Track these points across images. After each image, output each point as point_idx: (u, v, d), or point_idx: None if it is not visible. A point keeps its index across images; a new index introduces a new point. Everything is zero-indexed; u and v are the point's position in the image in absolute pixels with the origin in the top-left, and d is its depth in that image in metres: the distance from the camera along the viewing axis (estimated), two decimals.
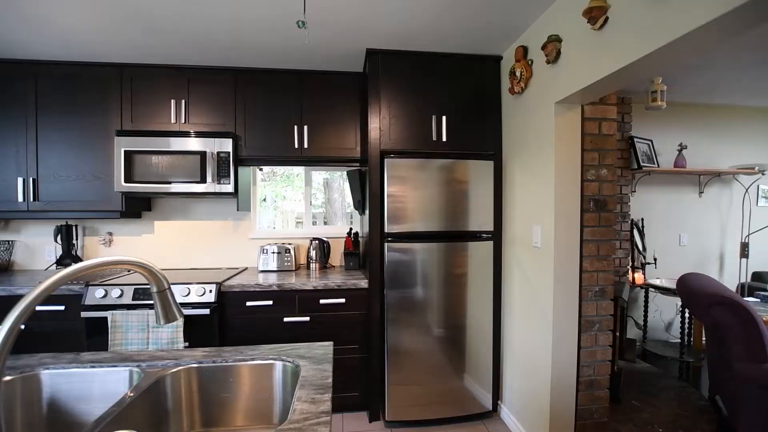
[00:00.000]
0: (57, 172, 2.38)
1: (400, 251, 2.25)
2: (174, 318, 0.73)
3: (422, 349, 2.29)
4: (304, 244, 2.86)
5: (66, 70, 2.38)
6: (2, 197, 2.35)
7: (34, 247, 2.71)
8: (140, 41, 2.14)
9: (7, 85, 2.34)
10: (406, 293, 2.27)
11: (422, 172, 2.26)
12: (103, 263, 0.62)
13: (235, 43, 2.17)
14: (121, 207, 2.41)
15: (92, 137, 2.39)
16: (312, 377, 0.93)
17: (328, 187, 3.48)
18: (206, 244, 2.80)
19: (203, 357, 1.08)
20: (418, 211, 2.27)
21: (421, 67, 2.30)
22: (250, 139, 2.47)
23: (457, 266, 2.32)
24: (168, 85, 2.43)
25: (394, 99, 2.27)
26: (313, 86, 2.54)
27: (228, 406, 1.05)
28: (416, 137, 2.29)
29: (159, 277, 0.71)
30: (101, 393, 1.03)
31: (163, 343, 2.02)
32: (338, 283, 2.25)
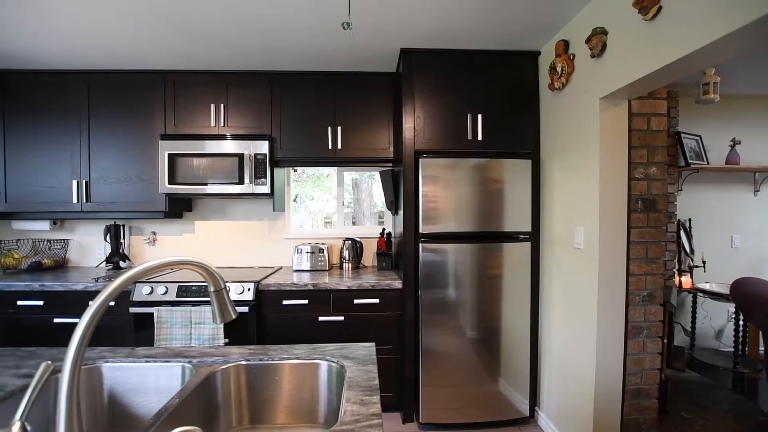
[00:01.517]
0: (107, 175, 2.52)
1: (435, 252, 2.23)
2: (229, 317, 0.75)
3: (456, 351, 2.26)
4: (336, 244, 2.89)
5: (115, 78, 2.51)
6: (59, 199, 2.51)
7: (86, 245, 2.88)
8: (182, 49, 2.22)
9: (64, 94, 2.50)
10: (440, 294, 2.24)
11: (457, 172, 2.23)
12: (167, 263, 0.64)
13: (271, 48, 2.22)
14: (165, 207, 2.52)
15: (138, 141, 2.51)
16: (358, 378, 0.93)
17: (356, 188, 3.50)
18: (242, 244, 2.89)
19: (250, 354, 1.10)
20: (452, 211, 2.24)
21: (456, 66, 2.26)
22: (285, 140, 2.52)
23: (492, 267, 2.27)
24: (208, 90, 2.51)
25: (429, 98, 2.25)
26: (346, 87, 2.56)
27: (274, 403, 1.07)
28: (451, 136, 2.26)
29: (216, 277, 0.72)
30: (155, 386, 1.07)
31: (204, 338, 2.10)
32: (372, 284, 2.25)
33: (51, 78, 2.51)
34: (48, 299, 2.24)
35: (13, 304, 2.23)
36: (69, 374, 0.55)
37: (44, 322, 2.23)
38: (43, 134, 2.51)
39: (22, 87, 2.51)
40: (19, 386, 0.93)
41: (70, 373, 0.55)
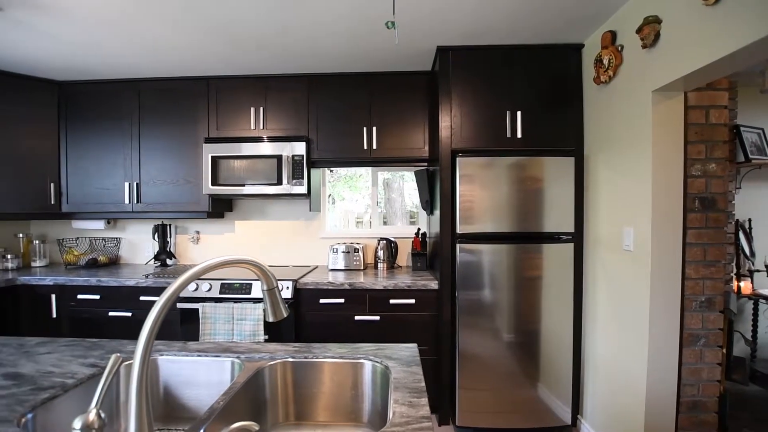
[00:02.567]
0: (155, 177, 2.66)
1: (472, 252, 2.19)
2: (281, 315, 0.76)
3: (493, 354, 2.21)
4: (370, 243, 2.90)
5: (163, 85, 2.65)
6: (113, 200, 2.68)
7: (136, 243, 3.05)
8: (225, 55, 2.31)
9: (117, 102, 2.67)
10: (477, 296, 2.20)
11: (495, 171, 2.18)
12: (225, 262, 0.66)
13: (309, 51, 2.26)
14: (208, 208, 2.63)
15: (184, 145, 2.63)
16: (404, 379, 0.92)
17: (387, 188, 3.50)
18: (280, 243, 2.96)
19: (295, 352, 1.12)
20: (490, 211, 2.19)
21: (494, 62, 2.21)
22: (321, 141, 2.56)
23: (532, 269, 2.20)
24: (248, 94, 2.60)
25: (466, 96, 2.21)
26: (381, 88, 2.56)
27: (318, 401, 1.09)
28: (489, 135, 2.21)
29: (269, 276, 0.74)
30: (206, 380, 1.11)
31: (246, 334, 2.17)
32: (408, 284, 2.24)
33: (106, 87, 2.69)
34: (103, 294, 2.39)
35: (74, 298, 2.40)
36: (139, 365, 0.58)
37: (100, 314, 2.39)
38: (99, 140, 2.69)
39: (81, 96, 2.70)
40: (88, 374, 0.99)
41: (140, 365, 0.58)
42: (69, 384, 0.94)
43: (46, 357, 1.11)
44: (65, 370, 1.02)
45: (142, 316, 2.34)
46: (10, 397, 0.87)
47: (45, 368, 1.03)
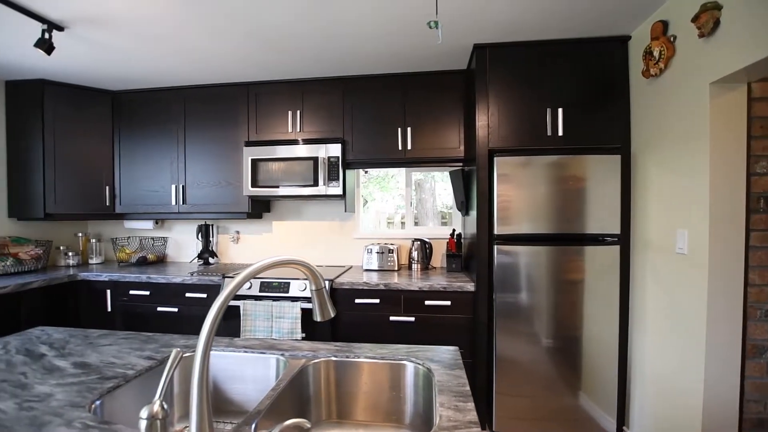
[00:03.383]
0: (199, 180, 2.79)
1: (510, 254, 2.13)
2: (329, 315, 0.78)
3: (532, 359, 2.14)
4: (404, 244, 2.90)
5: (206, 92, 2.78)
6: (161, 201, 2.84)
7: (181, 242, 3.22)
8: (264, 61, 2.38)
9: (166, 109, 2.82)
10: (515, 298, 2.14)
11: (534, 170, 2.11)
12: (277, 262, 0.68)
13: (345, 55, 2.29)
14: (248, 209, 2.72)
15: (225, 148, 2.75)
16: (448, 383, 0.91)
17: (419, 188, 3.48)
18: (315, 243, 3.02)
19: (337, 351, 1.14)
20: (529, 211, 2.13)
21: (533, 58, 2.15)
22: (356, 142, 2.59)
23: (573, 272, 2.11)
24: (286, 98, 2.67)
25: (503, 94, 2.16)
26: (415, 88, 2.55)
27: (359, 400, 1.10)
28: (528, 133, 2.14)
29: (318, 276, 0.75)
30: (252, 375, 1.15)
31: (284, 332, 2.22)
32: (443, 285, 2.22)
33: (154, 95, 2.85)
34: (153, 290, 2.53)
35: (127, 293, 2.56)
36: (200, 360, 0.60)
37: (149, 309, 2.53)
38: (148, 145, 2.86)
39: (132, 105, 2.88)
40: (146, 366, 1.05)
41: (201, 359, 0.61)
42: (129, 375, 1.00)
43: (108, 348, 1.19)
44: (125, 361, 1.09)
45: (187, 312, 2.46)
46: (81, 385, 0.94)
47: (107, 359, 1.10)
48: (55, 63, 2.40)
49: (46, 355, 1.14)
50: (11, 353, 1.15)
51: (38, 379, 0.97)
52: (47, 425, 0.77)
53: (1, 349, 1.18)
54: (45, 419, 0.79)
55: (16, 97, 2.71)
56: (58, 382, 0.96)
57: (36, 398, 0.87)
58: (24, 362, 1.08)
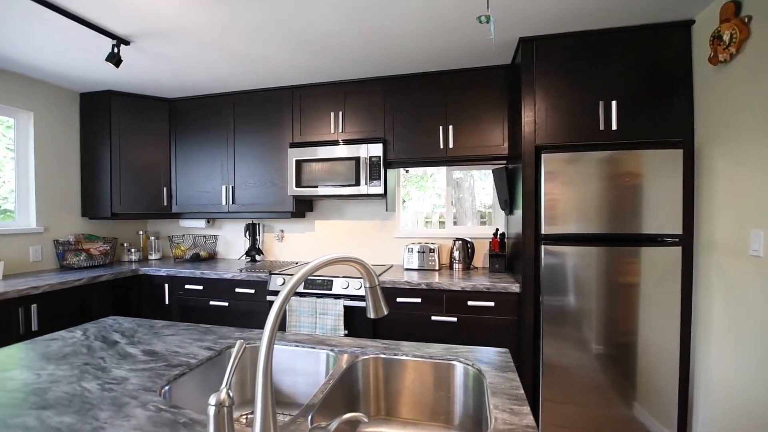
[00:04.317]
0: (247, 181, 2.92)
1: (558, 255, 2.05)
2: (382, 313, 0.79)
3: (581, 365, 2.04)
4: (444, 244, 2.87)
5: (253, 97, 2.90)
6: (212, 201, 3.00)
7: (230, 240, 3.39)
8: (308, 64, 2.45)
9: (216, 114, 2.98)
10: (563, 301, 2.05)
11: (585, 167, 2.01)
12: (334, 259, 0.69)
13: (385, 55, 2.31)
14: (292, 208, 2.82)
15: (271, 150, 2.86)
16: (500, 385, 0.89)
17: (458, 187, 3.43)
18: (356, 242, 3.06)
19: (384, 348, 1.15)
20: (578, 210, 2.03)
21: (584, 49, 2.04)
22: (398, 142, 2.60)
23: (627, 274, 1.99)
24: (328, 99, 2.73)
25: (551, 88, 2.07)
26: (456, 85, 2.52)
27: (407, 398, 1.10)
28: (578, 128, 2.05)
29: (372, 274, 0.76)
30: (303, 368, 1.19)
31: (327, 328, 2.28)
32: (487, 286, 2.17)
33: (206, 101, 3.02)
34: (205, 285, 2.69)
35: (182, 287, 2.74)
36: (265, 351, 0.63)
37: (203, 303, 2.69)
38: (201, 148, 3.03)
39: (186, 111, 3.07)
40: (206, 356, 1.12)
41: (266, 350, 0.63)
42: (192, 363, 1.07)
43: (171, 338, 1.28)
44: (188, 351, 1.17)
45: (236, 306, 2.59)
46: (151, 371, 1.02)
47: (172, 348, 1.19)
48: (120, 75, 2.62)
49: (119, 342, 1.24)
50: (90, 339, 1.26)
51: (114, 363, 1.07)
52: (125, 406, 0.84)
53: (82, 335, 1.30)
54: (123, 401, 0.86)
55: (88, 108, 2.98)
56: (131, 367, 1.04)
57: (114, 381, 0.96)
58: (101, 348, 1.19)
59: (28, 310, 2.12)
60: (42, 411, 0.81)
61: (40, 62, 2.41)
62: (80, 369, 1.03)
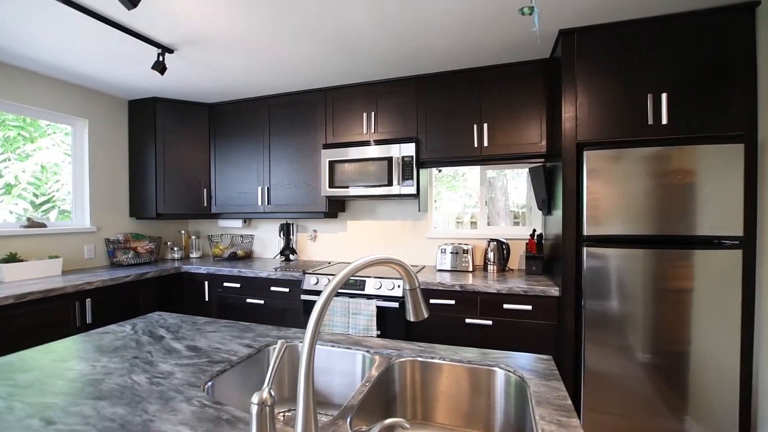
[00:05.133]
0: (281, 182, 2.99)
1: (601, 257, 1.94)
2: (422, 315, 0.77)
3: (626, 374, 1.92)
4: (478, 244, 2.80)
5: (287, 100, 2.96)
6: (249, 202, 3.10)
7: (265, 240, 3.48)
8: (341, 66, 2.47)
9: (253, 117, 3.08)
10: (606, 306, 1.94)
11: (631, 164, 1.90)
12: (374, 261, 0.68)
13: (419, 53, 2.28)
14: (325, 208, 2.85)
15: (305, 151, 2.91)
16: (545, 394, 0.85)
17: (490, 187, 3.34)
18: (388, 242, 3.06)
19: (421, 351, 1.13)
20: (624, 210, 1.92)
21: (629, 40, 1.93)
22: (430, 141, 2.57)
23: (678, 279, 1.85)
24: (360, 100, 2.74)
25: (594, 82, 1.97)
26: (490, 82, 2.45)
27: (444, 403, 1.07)
28: (624, 123, 1.93)
29: (412, 276, 0.75)
30: (339, 368, 1.19)
31: (360, 328, 2.28)
32: (524, 289, 2.10)
33: (243, 105, 3.12)
34: (242, 283, 2.77)
35: (221, 285, 2.84)
36: (307, 351, 0.63)
37: (240, 300, 2.78)
38: (238, 151, 3.14)
39: (225, 115, 3.19)
40: (246, 354, 1.14)
41: (308, 350, 0.63)
42: (233, 360, 1.10)
43: (213, 335, 1.32)
44: (228, 347, 1.20)
45: (272, 304, 2.65)
46: (194, 366, 1.05)
47: (214, 344, 1.22)
48: (164, 82, 2.75)
49: (165, 337, 1.30)
50: (138, 333, 1.33)
51: (161, 358, 1.11)
52: (172, 400, 0.87)
53: (131, 329, 1.37)
54: (170, 395, 0.89)
55: (136, 114, 3.16)
56: (176, 362, 1.08)
57: (161, 375, 1.00)
58: (149, 342, 1.24)
59: (83, 304, 2.27)
60: (97, 401, 0.86)
61: (94, 72, 2.58)
62: (130, 362, 1.08)
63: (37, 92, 2.59)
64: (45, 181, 2.77)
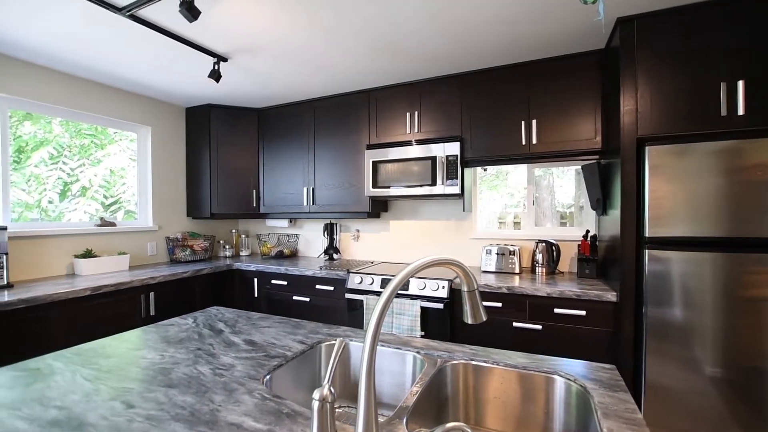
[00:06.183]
0: (326, 182, 3.05)
1: (665, 261, 1.80)
2: (481, 318, 0.75)
3: (691, 388, 1.77)
4: (524, 246, 2.70)
5: (331, 102, 3.03)
6: (295, 202, 3.20)
7: (309, 239, 3.58)
8: (385, 67, 2.48)
9: (299, 120, 3.18)
10: (671, 315, 1.80)
11: (700, 160, 1.74)
12: (434, 261, 0.68)
13: (464, 49, 2.24)
14: (368, 209, 2.88)
15: (348, 152, 2.95)
16: (612, 406, 0.80)
17: (536, 186, 3.20)
18: (431, 242, 3.03)
19: (473, 355, 1.11)
20: (690, 210, 1.76)
21: (696, 25, 1.77)
22: (475, 140, 2.51)
23: (756, 286, 1.68)
24: (403, 100, 2.74)
25: (656, 72, 1.83)
26: (539, 76, 2.36)
27: (498, 409, 1.04)
28: (691, 116, 1.78)
29: (471, 278, 0.73)
30: (389, 369, 1.20)
31: (404, 328, 2.28)
32: (577, 293, 1.99)
33: (290, 109, 3.23)
34: (289, 281, 2.87)
35: (269, 282, 2.95)
36: (369, 350, 0.64)
37: (287, 298, 2.87)
38: (285, 153, 3.25)
39: (272, 119, 3.32)
40: (300, 350, 1.18)
41: (369, 350, 0.64)
42: (288, 356, 1.14)
43: (267, 330, 1.38)
44: (283, 343, 1.24)
45: (317, 302, 2.72)
46: (253, 360, 1.10)
47: (269, 339, 1.27)
48: (218, 89, 2.91)
49: (224, 331, 1.37)
50: (200, 326, 1.41)
51: (222, 350, 1.17)
52: (235, 392, 0.91)
53: (192, 322, 1.47)
54: (233, 386, 0.94)
55: (192, 120, 3.37)
56: (236, 355, 1.14)
57: (223, 367, 1.05)
58: (209, 335, 1.32)
59: (147, 297, 2.46)
60: (168, 389, 0.92)
61: (156, 82, 2.78)
62: (194, 353, 1.15)
63: (108, 103, 2.84)
64: (113, 184, 3.02)
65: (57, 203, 2.69)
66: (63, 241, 2.57)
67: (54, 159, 2.67)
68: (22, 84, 2.37)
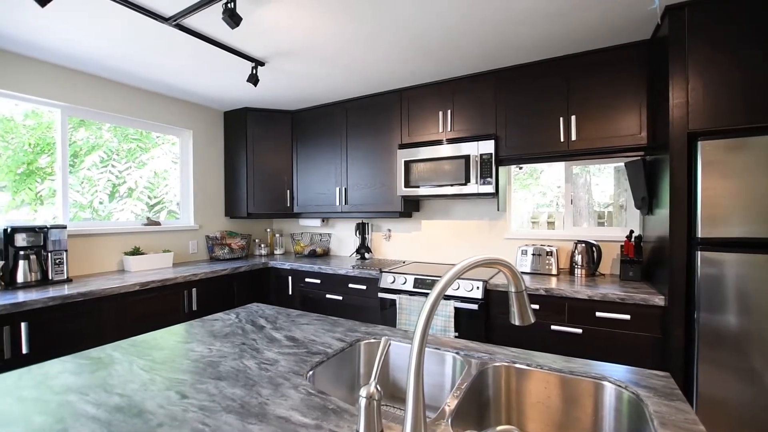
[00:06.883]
0: (358, 182, 3.08)
1: (719, 264, 1.68)
2: (528, 320, 0.73)
3: (750, 402, 1.64)
4: (561, 246, 2.62)
5: (363, 102, 3.05)
6: (327, 202, 3.25)
7: (341, 238, 3.62)
8: (417, 66, 2.47)
9: (331, 122, 3.22)
10: (725, 321, 1.68)
11: (760, 155, 1.62)
12: (481, 261, 0.67)
13: (499, 45, 2.19)
14: (400, 208, 2.88)
15: (380, 152, 2.96)
16: (670, 416, 0.76)
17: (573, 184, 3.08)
18: (464, 242, 2.99)
19: (514, 357, 1.08)
20: (749, 209, 1.64)
21: (754, 10, 1.64)
22: (510, 138, 2.46)
23: None
24: (435, 99, 2.72)
25: (710, 62, 1.72)
26: (580, 70, 2.27)
27: (541, 414, 1.02)
28: (749, 107, 1.66)
29: (519, 278, 0.72)
30: (427, 368, 1.19)
31: (437, 328, 2.26)
32: (620, 296, 1.91)
33: (322, 110, 3.28)
34: (322, 279, 2.92)
35: (303, 280, 3.02)
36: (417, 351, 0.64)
37: (320, 296, 2.92)
38: (318, 154, 3.31)
39: (306, 120, 3.38)
40: (339, 347, 1.20)
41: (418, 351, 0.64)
42: (329, 353, 1.16)
43: (306, 327, 1.41)
44: (323, 340, 1.27)
45: (349, 300, 2.75)
46: (295, 356, 1.13)
47: (309, 336, 1.30)
48: (255, 93, 3.00)
49: (265, 327, 1.41)
50: (242, 322, 1.46)
51: (265, 346, 1.21)
52: (281, 386, 0.94)
53: (235, 318, 1.52)
54: (278, 381, 0.97)
55: (230, 124, 3.50)
56: (279, 351, 1.17)
57: (268, 362, 1.08)
58: (252, 330, 1.36)
59: (190, 292, 2.58)
60: (218, 381, 0.96)
61: (197, 87, 2.91)
62: (240, 348, 1.19)
63: (152, 108, 2.99)
64: (157, 186, 3.19)
65: (106, 204, 2.87)
66: (113, 239, 2.74)
67: (104, 162, 2.85)
68: (79, 93, 2.55)
